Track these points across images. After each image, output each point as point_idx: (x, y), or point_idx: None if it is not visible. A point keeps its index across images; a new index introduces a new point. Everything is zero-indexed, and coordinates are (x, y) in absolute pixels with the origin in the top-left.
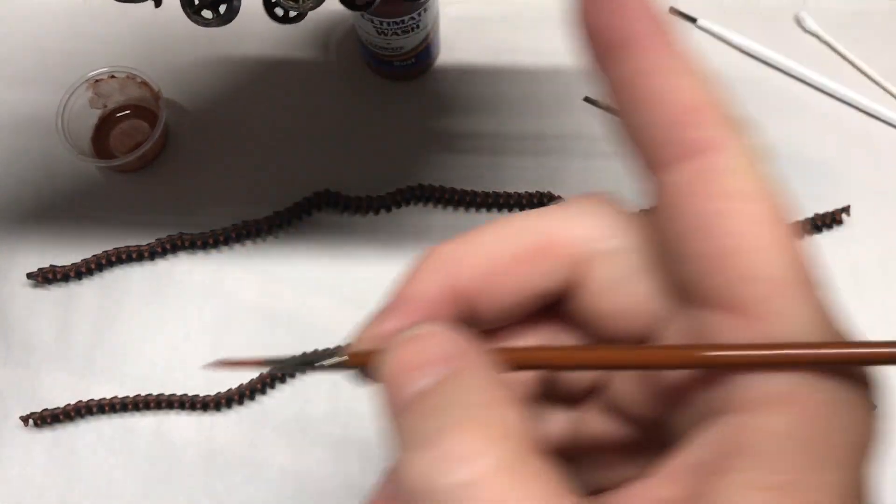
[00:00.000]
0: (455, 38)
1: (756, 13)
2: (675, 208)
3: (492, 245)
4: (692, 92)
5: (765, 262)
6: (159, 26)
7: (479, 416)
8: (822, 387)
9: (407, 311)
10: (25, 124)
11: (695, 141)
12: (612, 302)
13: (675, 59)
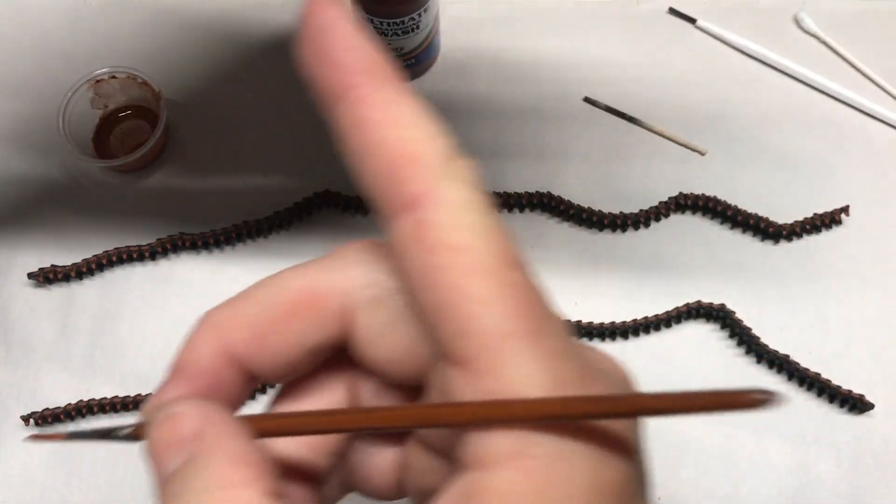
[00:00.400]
0: (455, 38)
1: (755, 14)
2: (398, 260)
3: (259, 304)
4: (399, 143)
5: (474, 316)
6: (160, 27)
7: (210, 500)
8: (545, 441)
9: (182, 381)
10: (27, 125)
11: (406, 194)
12: (381, 349)
13: (386, 110)
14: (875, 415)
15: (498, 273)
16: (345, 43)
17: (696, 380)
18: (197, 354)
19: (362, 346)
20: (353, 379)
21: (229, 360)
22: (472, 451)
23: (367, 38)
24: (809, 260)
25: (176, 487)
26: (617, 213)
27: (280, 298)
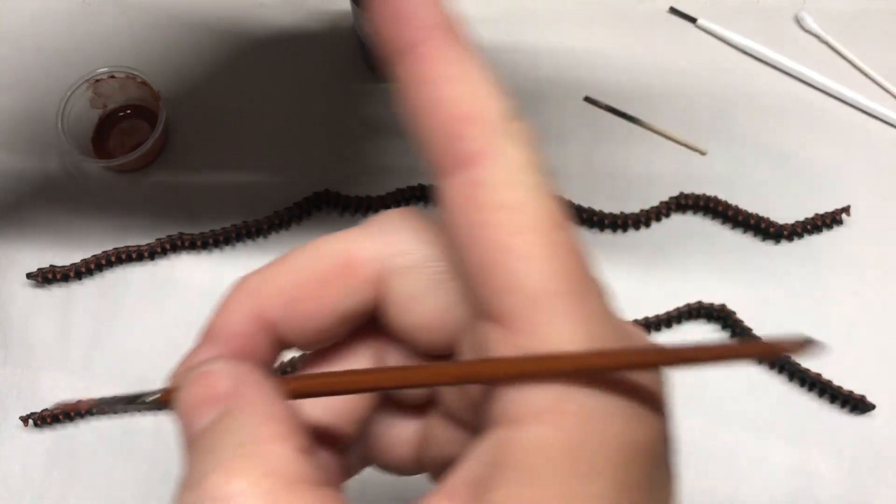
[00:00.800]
0: None
1: (756, 13)
2: (449, 218)
3: (294, 270)
4: (464, 100)
5: (521, 273)
6: (159, 27)
7: (244, 454)
8: (576, 397)
9: (215, 344)
10: (26, 124)
11: (463, 152)
12: (414, 316)
13: (450, 67)
14: (876, 415)
15: (547, 233)
16: None
17: (696, 380)
18: (230, 319)
19: (394, 313)
20: (380, 348)
21: (262, 325)
22: (505, 408)
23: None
24: (810, 260)
25: (207, 442)
26: (617, 213)
27: (315, 265)
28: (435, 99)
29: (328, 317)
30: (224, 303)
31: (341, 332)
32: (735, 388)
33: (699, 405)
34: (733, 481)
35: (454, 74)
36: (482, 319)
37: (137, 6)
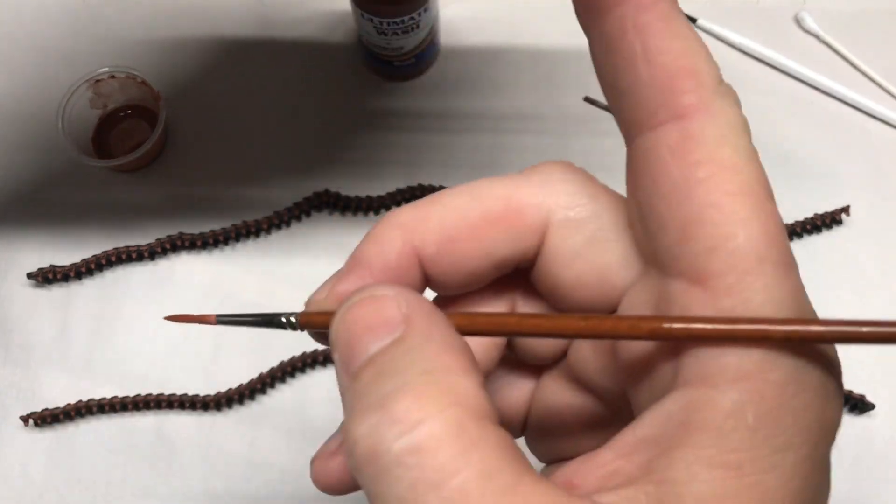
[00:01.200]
0: (454, 38)
1: (756, 13)
2: (652, 171)
3: (455, 209)
4: (683, 54)
5: (735, 234)
6: (159, 27)
7: (429, 381)
8: (780, 365)
9: (363, 273)
10: (26, 124)
11: (680, 105)
12: (570, 271)
13: (668, 20)
14: (876, 415)
15: (759, 198)
16: None
17: None
18: (382, 250)
19: (550, 266)
20: (516, 300)
21: (414, 260)
22: (698, 370)
23: None
24: (810, 260)
25: (388, 366)
26: None
27: (477, 205)
28: (654, 50)
29: (483, 260)
30: (374, 233)
31: (489, 278)
32: None
33: None
34: None
35: (672, 29)
36: (671, 277)
37: (137, 6)
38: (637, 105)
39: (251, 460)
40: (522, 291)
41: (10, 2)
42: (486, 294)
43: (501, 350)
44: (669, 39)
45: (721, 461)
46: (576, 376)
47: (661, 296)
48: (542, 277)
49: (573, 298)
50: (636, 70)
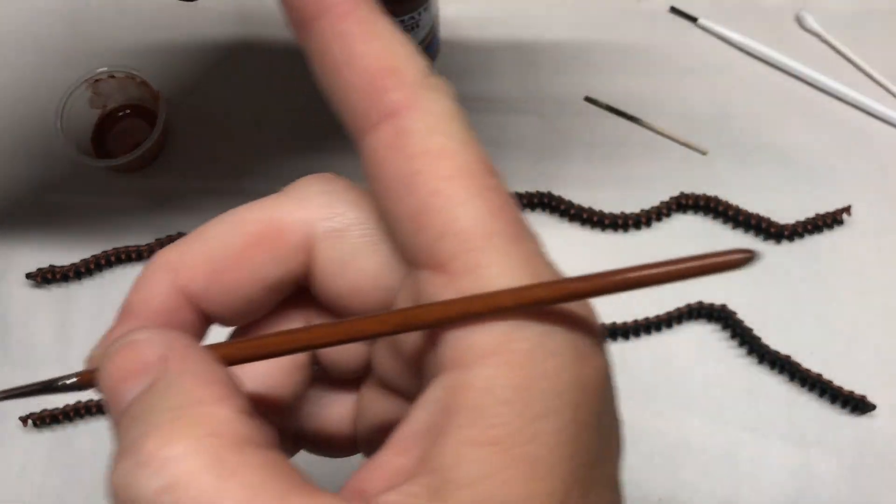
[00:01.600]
0: (454, 37)
1: (757, 12)
2: (377, 172)
3: (217, 239)
4: (383, 55)
5: (456, 217)
6: (159, 26)
7: (178, 416)
8: (525, 335)
9: (133, 321)
10: (25, 124)
11: (388, 103)
12: (344, 280)
13: (366, 23)
14: (877, 416)
15: (478, 177)
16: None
17: (697, 381)
18: (149, 294)
19: (325, 279)
20: (310, 319)
21: (183, 299)
22: (450, 353)
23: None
24: (811, 260)
25: (138, 410)
26: (618, 213)
27: (238, 232)
28: (355, 55)
29: (254, 286)
30: (140, 279)
31: (268, 303)
32: (735, 389)
33: (699, 405)
34: (733, 481)
35: (371, 32)
36: (418, 268)
37: (137, 6)
38: (353, 110)
39: None
40: (315, 308)
41: (10, 1)
42: (279, 317)
43: (306, 369)
44: (369, 42)
45: (484, 439)
46: (384, 383)
47: (414, 289)
48: (320, 291)
49: (354, 306)
50: (343, 77)
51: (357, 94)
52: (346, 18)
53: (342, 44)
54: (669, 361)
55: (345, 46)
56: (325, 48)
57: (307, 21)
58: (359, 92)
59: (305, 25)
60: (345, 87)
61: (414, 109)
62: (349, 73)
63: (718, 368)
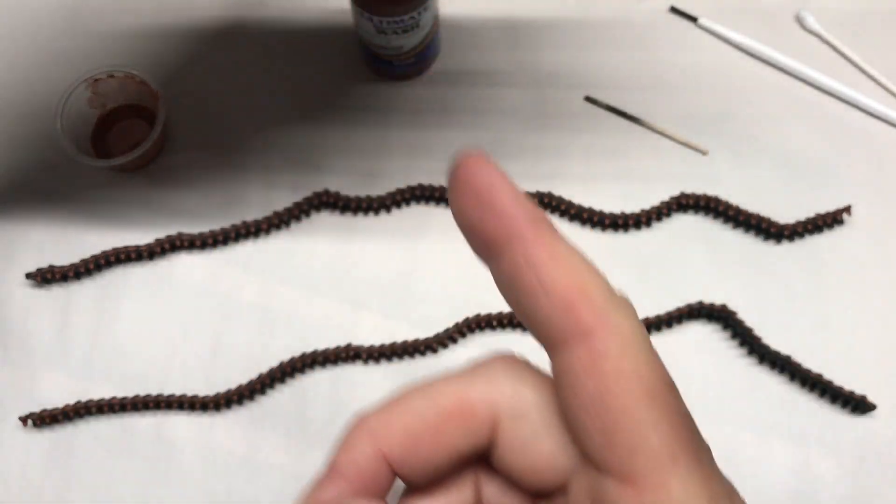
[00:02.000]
0: (454, 37)
1: (757, 12)
2: (571, 386)
3: (413, 412)
4: (571, 279)
5: (647, 437)
6: (158, 26)
7: None
8: None
9: (340, 482)
10: (24, 124)
11: (581, 325)
12: (523, 459)
13: (553, 248)
14: (877, 416)
15: (664, 399)
16: (508, 195)
17: (697, 381)
18: (354, 456)
19: (504, 455)
20: (479, 477)
21: (384, 463)
22: None
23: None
24: (811, 260)
25: None
26: (618, 213)
27: (434, 406)
28: (546, 281)
29: (444, 456)
30: (345, 440)
31: (452, 469)
32: (736, 388)
33: (699, 405)
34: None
35: (559, 258)
36: (604, 475)
37: (137, 5)
38: (546, 328)
39: (250, 461)
40: (484, 469)
41: (9, 1)
42: (455, 476)
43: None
44: (557, 268)
45: None
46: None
47: (598, 491)
48: (499, 464)
49: (529, 482)
50: (538, 300)
51: (549, 315)
52: (533, 246)
53: (532, 270)
54: (669, 361)
55: (535, 273)
56: (514, 274)
57: (494, 250)
58: (551, 313)
59: (492, 253)
60: (536, 308)
61: (605, 331)
62: (541, 297)
63: (718, 368)
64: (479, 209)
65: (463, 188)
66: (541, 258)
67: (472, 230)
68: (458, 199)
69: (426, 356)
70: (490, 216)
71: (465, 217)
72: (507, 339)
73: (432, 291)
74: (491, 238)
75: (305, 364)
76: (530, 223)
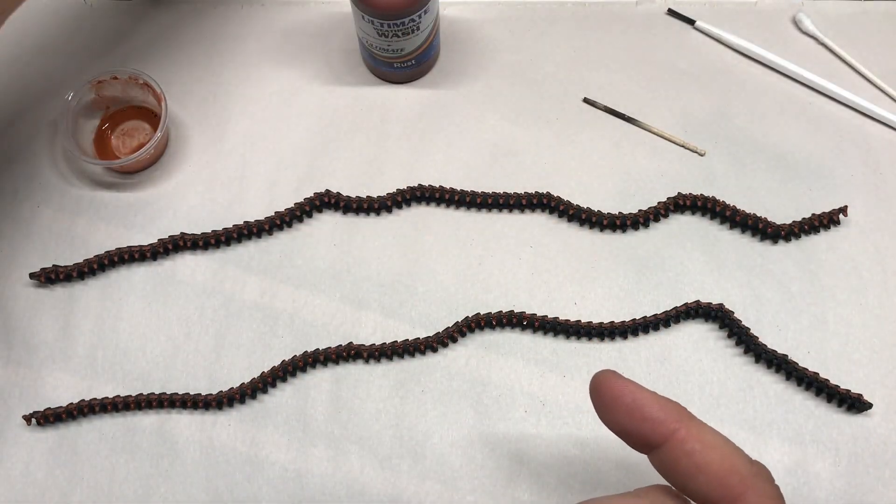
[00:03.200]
0: (454, 39)
1: (754, 15)
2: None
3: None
4: (721, 461)
5: None
6: (162, 27)
7: None
8: None
9: None
10: (29, 125)
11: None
12: None
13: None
14: (873, 414)
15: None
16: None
17: (694, 380)
18: None
19: None
20: None
21: None
22: None
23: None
24: (808, 260)
25: None
26: (616, 214)
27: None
28: (701, 466)
29: None
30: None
31: None
32: (732, 387)
33: (697, 404)
34: None
35: (708, 444)
36: None
37: (139, 7)
38: (703, 495)
39: (252, 459)
40: None
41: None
42: None
43: None
44: (710, 453)
45: None
46: None
47: None
48: None
49: None
50: (696, 478)
51: (706, 487)
52: (687, 439)
53: (689, 458)
54: (667, 361)
55: (692, 460)
56: (674, 461)
57: (652, 445)
58: (707, 486)
59: (650, 448)
60: (696, 484)
61: (752, 493)
62: (698, 476)
63: (716, 367)
64: (632, 420)
65: (612, 405)
66: (694, 448)
67: (628, 435)
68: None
69: (426, 355)
70: (644, 424)
71: (620, 426)
72: (508, 339)
73: (432, 291)
74: (648, 440)
75: (307, 363)
76: (678, 421)
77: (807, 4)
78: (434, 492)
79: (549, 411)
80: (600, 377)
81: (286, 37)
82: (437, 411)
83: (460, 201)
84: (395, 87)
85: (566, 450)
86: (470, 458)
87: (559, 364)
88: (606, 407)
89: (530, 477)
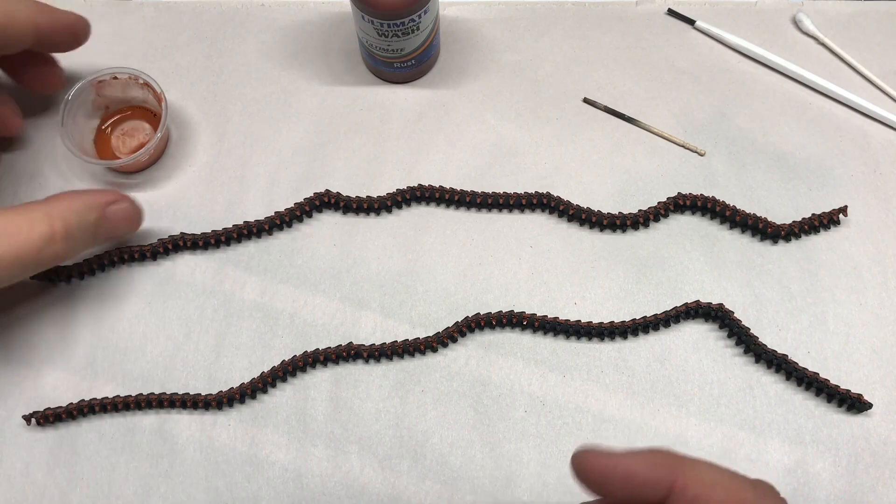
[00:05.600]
0: (454, 39)
1: (754, 15)
2: None
3: None
4: (725, 493)
5: None
6: (162, 27)
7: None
8: None
9: None
10: (28, 125)
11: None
12: None
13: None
14: (873, 414)
15: None
16: (640, 465)
17: (694, 380)
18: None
19: None
20: None
21: None
22: None
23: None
24: (808, 260)
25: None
26: (616, 214)
27: None
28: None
29: None
30: None
31: None
32: (732, 387)
33: (696, 404)
34: None
35: (707, 483)
36: None
37: (139, 7)
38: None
39: (252, 459)
40: None
41: None
42: None
43: None
44: (713, 493)
45: None
46: None
47: None
48: None
49: None
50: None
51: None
52: (688, 485)
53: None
54: (667, 360)
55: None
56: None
57: (659, 503)
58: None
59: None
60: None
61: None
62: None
63: (715, 367)
64: (631, 490)
65: (605, 483)
66: (698, 494)
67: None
68: (604, 491)
69: (426, 355)
70: (644, 489)
71: (619, 500)
72: (507, 339)
73: (432, 291)
74: (651, 500)
75: (307, 363)
76: (672, 472)
77: (807, 4)
78: (434, 492)
79: (549, 411)
80: (581, 458)
81: (286, 37)
82: (437, 411)
83: (460, 201)
84: (395, 87)
85: (566, 450)
86: (470, 458)
87: (559, 364)
88: (598, 486)
89: (530, 477)
